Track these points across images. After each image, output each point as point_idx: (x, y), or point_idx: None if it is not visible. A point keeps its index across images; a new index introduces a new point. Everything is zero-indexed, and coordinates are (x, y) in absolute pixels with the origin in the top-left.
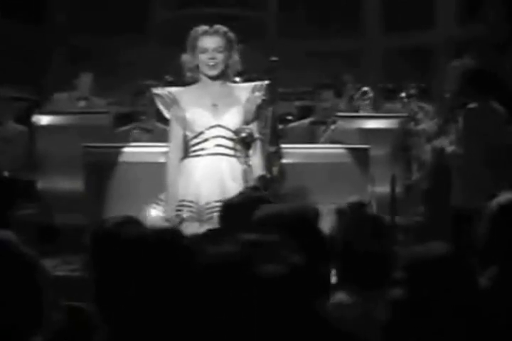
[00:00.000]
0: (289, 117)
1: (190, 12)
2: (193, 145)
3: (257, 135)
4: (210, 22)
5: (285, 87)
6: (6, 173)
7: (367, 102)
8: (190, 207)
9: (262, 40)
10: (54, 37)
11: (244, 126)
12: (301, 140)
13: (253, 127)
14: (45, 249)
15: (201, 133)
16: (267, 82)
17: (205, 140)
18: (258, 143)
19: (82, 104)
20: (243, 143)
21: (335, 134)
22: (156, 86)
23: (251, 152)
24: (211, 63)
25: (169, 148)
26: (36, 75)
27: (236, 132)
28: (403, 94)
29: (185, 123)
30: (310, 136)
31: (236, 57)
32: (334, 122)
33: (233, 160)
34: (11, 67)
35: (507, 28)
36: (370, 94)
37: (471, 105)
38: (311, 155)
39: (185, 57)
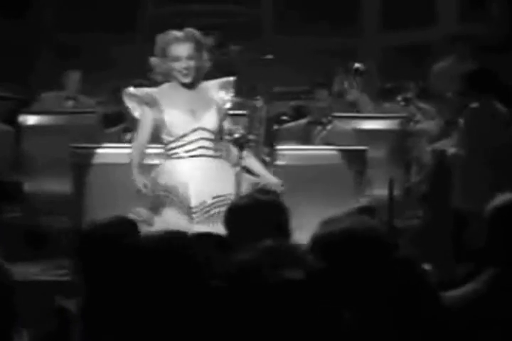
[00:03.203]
0: (284, 117)
1: (182, 9)
2: (175, 147)
3: (251, 136)
4: (204, 19)
5: (281, 86)
6: None
7: (359, 79)
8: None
9: (257, 37)
10: (41, 34)
11: (237, 127)
12: (297, 141)
13: (226, 124)
14: (32, 253)
15: (184, 135)
16: (232, 78)
17: (188, 142)
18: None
19: (70, 103)
20: (237, 144)
21: (331, 135)
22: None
23: (244, 153)
24: (185, 72)
25: (133, 148)
26: (23, 74)
27: (230, 133)
28: (399, 98)
29: (163, 125)
30: (306, 137)
31: (205, 56)
32: (330, 122)
33: (217, 160)
34: None
35: (511, 25)
36: (363, 68)
37: (473, 105)
38: (307, 156)
39: (155, 61)
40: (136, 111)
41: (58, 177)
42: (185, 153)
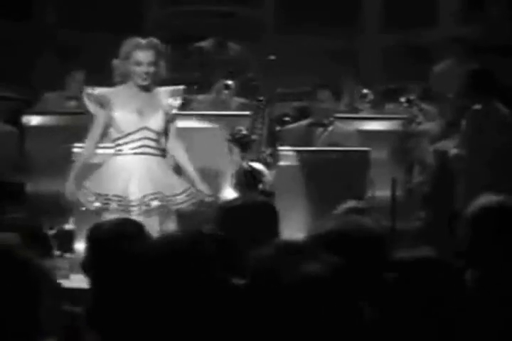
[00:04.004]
0: (287, 118)
1: (186, 9)
2: (121, 144)
3: (253, 136)
4: (206, 19)
5: (283, 87)
6: None
7: (367, 105)
8: (119, 201)
9: (259, 38)
10: (43, 34)
11: (239, 127)
12: (299, 142)
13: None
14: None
15: (130, 134)
16: (182, 86)
17: (133, 140)
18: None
19: (72, 103)
20: (239, 143)
21: (333, 136)
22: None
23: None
24: (145, 76)
25: (87, 143)
26: (26, 74)
27: (232, 134)
28: (403, 99)
29: (112, 123)
30: (308, 138)
31: (162, 64)
32: (332, 123)
33: (158, 159)
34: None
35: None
36: (371, 97)
37: (476, 107)
38: (310, 157)
39: (117, 63)
40: (92, 109)
41: (61, 177)
42: (129, 150)
